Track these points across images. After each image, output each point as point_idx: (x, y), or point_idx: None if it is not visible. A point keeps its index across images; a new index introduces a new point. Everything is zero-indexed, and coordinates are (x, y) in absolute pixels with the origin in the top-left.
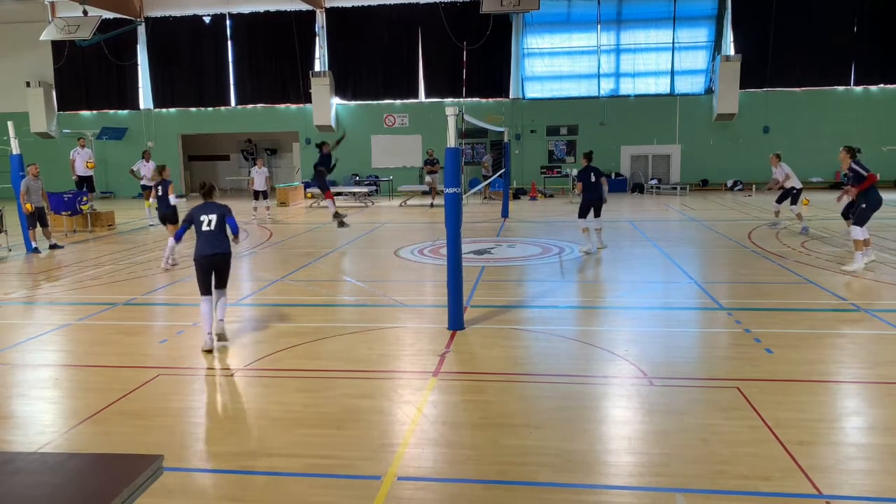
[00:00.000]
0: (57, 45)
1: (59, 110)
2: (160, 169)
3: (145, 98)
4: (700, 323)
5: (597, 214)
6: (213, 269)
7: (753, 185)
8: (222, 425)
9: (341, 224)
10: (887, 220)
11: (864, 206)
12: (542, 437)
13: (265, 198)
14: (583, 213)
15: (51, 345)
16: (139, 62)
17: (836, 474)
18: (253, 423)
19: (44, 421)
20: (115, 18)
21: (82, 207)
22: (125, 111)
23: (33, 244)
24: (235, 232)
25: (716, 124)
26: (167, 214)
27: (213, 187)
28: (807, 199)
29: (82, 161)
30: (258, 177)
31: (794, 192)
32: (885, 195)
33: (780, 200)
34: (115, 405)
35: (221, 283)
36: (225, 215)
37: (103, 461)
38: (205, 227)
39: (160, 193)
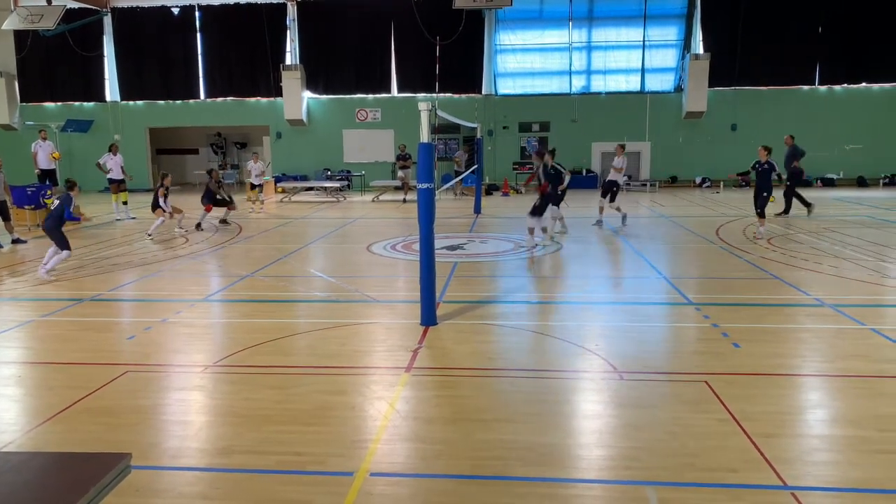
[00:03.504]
0: (20, 35)
1: (21, 102)
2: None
3: (112, 90)
4: (669, 318)
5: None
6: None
7: (721, 182)
8: (191, 422)
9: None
10: (850, 216)
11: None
12: (514, 431)
13: (260, 191)
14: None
15: (13, 342)
16: (105, 53)
17: (800, 465)
18: (222, 420)
19: (6, 420)
20: (80, 8)
21: (46, 202)
22: (91, 103)
23: None
24: (66, 217)
25: (685, 122)
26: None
27: (70, 184)
28: (773, 196)
29: (45, 154)
30: (256, 170)
31: (616, 188)
32: (852, 193)
33: (605, 195)
34: (80, 403)
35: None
36: (64, 204)
37: (69, 460)
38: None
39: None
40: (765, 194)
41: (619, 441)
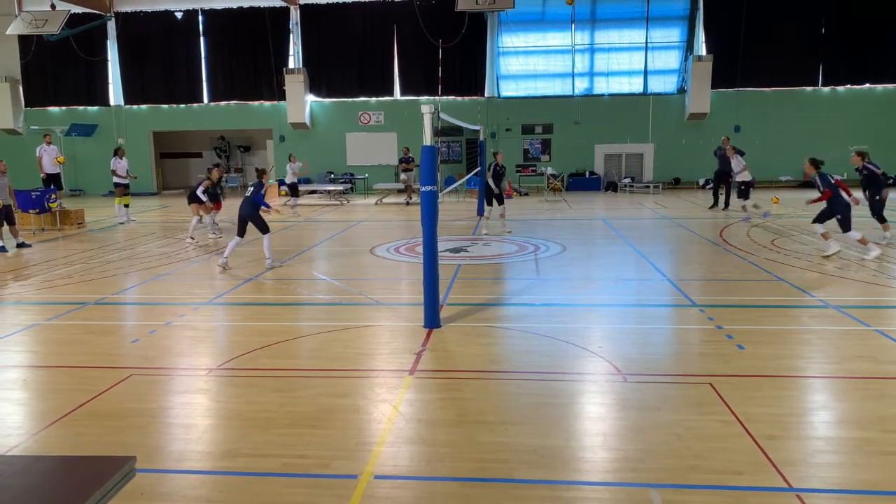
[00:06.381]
0: (24, 40)
1: (26, 106)
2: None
3: (115, 94)
4: (673, 319)
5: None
6: None
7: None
8: (195, 426)
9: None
10: (853, 217)
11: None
12: (518, 433)
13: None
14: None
15: (18, 345)
16: (109, 58)
17: (805, 468)
18: (227, 422)
19: (11, 423)
20: (84, 13)
21: (51, 205)
22: (95, 107)
23: (0, 242)
24: (258, 202)
25: (688, 123)
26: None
27: (260, 171)
28: (776, 196)
29: (50, 158)
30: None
31: (744, 186)
32: (856, 194)
33: (740, 195)
34: (85, 406)
35: None
36: (257, 191)
37: (73, 463)
38: None
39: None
40: (877, 198)
41: (622, 443)
